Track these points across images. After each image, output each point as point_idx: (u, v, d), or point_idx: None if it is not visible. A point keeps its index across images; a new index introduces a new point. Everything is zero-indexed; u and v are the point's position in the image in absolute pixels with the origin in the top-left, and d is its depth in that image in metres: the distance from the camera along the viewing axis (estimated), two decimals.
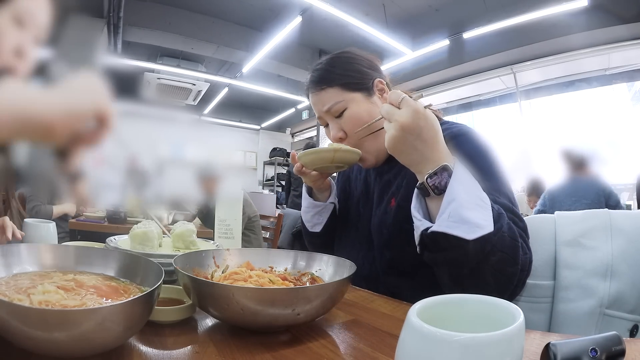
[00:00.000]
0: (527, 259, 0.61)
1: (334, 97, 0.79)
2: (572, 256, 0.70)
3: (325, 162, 0.77)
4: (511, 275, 0.59)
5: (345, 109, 0.79)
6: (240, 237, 0.98)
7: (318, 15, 4.00)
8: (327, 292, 0.49)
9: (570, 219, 0.74)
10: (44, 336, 0.33)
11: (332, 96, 0.80)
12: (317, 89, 0.82)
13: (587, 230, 0.71)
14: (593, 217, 0.72)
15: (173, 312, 0.50)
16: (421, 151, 0.57)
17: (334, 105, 0.79)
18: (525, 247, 0.62)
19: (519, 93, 4.59)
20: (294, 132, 8.33)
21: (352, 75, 0.81)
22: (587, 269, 0.68)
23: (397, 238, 0.77)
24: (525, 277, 0.63)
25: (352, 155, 0.76)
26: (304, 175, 0.84)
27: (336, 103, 0.79)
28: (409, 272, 0.72)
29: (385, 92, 0.83)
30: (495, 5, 3.76)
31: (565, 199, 2.48)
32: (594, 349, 0.35)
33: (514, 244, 0.58)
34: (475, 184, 0.57)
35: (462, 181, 0.56)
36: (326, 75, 0.81)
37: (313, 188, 0.89)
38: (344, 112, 0.79)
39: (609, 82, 4.03)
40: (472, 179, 0.58)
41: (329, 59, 0.85)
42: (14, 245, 0.50)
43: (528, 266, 0.62)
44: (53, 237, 0.96)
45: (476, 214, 0.54)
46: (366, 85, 0.81)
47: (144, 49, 4.87)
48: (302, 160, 0.79)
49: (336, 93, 0.80)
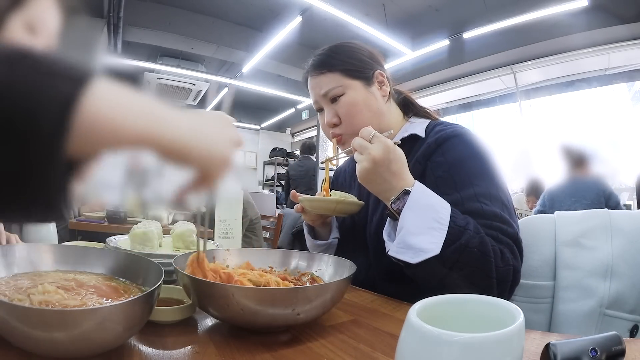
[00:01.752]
0: (508, 269, 0.62)
1: (333, 82, 0.80)
2: (572, 256, 0.70)
3: (327, 212, 0.78)
4: (486, 288, 0.60)
5: (342, 94, 0.79)
6: (240, 237, 0.98)
7: (318, 15, 4.00)
8: (327, 292, 0.49)
9: (570, 219, 0.74)
10: (44, 336, 0.33)
11: (331, 80, 0.80)
12: (316, 73, 0.82)
13: (587, 230, 0.71)
14: (593, 217, 0.72)
15: (173, 312, 0.50)
16: (389, 181, 0.63)
17: (331, 90, 0.79)
18: (508, 257, 0.62)
19: (519, 93, 4.60)
20: (294, 132, 8.33)
21: (353, 63, 0.81)
22: (587, 269, 0.68)
23: None
24: (511, 285, 0.63)
25: (353, 207, 0.77)
26: (304, 213, 0.84)
27: (334, 87, 0.79)
28: (405, 278, 0.72)
29: (385, 85, 0.83)
30: (495, 5, 3.76)
31: (565, 199, 2.46)
32: (594, 349, 0.35)
33: (484, 259, 0.60)
34: (432, 206, 0.61)
35: (414, 207, 0.61)
36: (327, 60, 0.81)
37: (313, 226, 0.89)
38: (340, 97, 0.79)
39: (609, 82, 4.03)
40: (431, 200, 0.62)
41: (332, 45, 0.85)
42: (14, 245, 0.50)
43: (512, 276, 0.62)
44: (53, 237, 0.96)
45: (423, 239, 0.59)
46: (366, 75, 0.81)
47: (144, 49, 4.87)
48: (304, 204, 0.79)
49: (336, 78, 0.80)
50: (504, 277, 0.62)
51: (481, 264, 0.60)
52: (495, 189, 0.68)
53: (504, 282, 0.62)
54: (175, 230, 0.81)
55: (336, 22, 4.01)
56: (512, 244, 0.64)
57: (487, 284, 0.60)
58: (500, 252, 0.62)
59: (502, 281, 0.61)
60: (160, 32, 4.34)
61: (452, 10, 4.09)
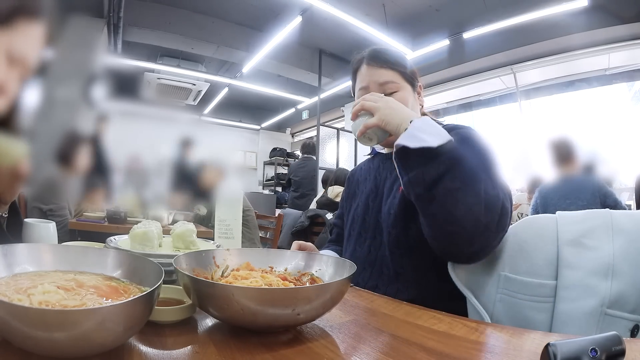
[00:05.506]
0: (497, 199, 0.67)
1: (392, 78, 0.89)
2: (573, 256, 0.70)
3: None
4: (473, 205, 0.64)
5: (397, 91, 0.89)
6: (240, 237, 0.98)
7: (318, 15, 4.00)
8: (327, 292, 0.48)
9: (571, 218, 0.74)
10: (44, 336, 0.33)
11: (390, 76, 0.89)
12: (377, 64, 0.90)
13: (588, 229, 0.71)
14: (594, 216, 0.72)
15: (173, 312, 0.50)
16: (407, 111, 0.75)
17: (390, 83, 0.89)
18: (499, 191, 0.68)
19: (519, 93, 4.59)
20: (294, 132, 8.33)
21: (407, 69, 0.92)
22: (589, 268, 0.68)
23: (402, 217, 0.83)
24: (499, 221, 0.67)
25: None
26: None
27: (393, 82, 0.89)
28: (413, 248, 0.81)
29: (421, 97, 0.97)
30: (495, 5, 3.75)
31: (559, 201, 2.37)
32: (594, 349, 0.35)
33: (474, 177, 0.66)
34: (437, 126, 0.71)
35: (425, 120, 0.71)
36: (388, 59, 0.91)
37: None
38: (395, 93, 0.88)
39: (609, 82, 4.02)
40: (437, 125, 0.71)
41: (385, 48, 0.95)
42: (14, 245, 0.50)
43: (500, 209, 0.67)
44: (53, 237, 0.96)
45: (425, 135, 0.67)
46: (414, 83, 0.93)
47: (144, 49, 4.86)
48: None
49: (394, 75, 0.90)
50: (492, 204, 0.66)
51: (470, 181, 0.65)
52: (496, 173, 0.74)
53: (491, 210, 0.66)
54: (175, 230, 0.80)
55: (336, 22, 4.01)
56: (506, 192, 0.70)
57: (474, 201, 0.65)
58: (492, 185, 0.68)
59: (489, 208, 0.65)
60: (160, 32, 4.34)
61: (452, 10, 4.08)
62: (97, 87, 0.98)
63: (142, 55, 5.00)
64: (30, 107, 0.62)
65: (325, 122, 5.83)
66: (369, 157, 1.09)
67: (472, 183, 0.65)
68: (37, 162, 0.46)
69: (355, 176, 1.08)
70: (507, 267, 0.73)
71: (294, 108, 7.11)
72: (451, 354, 0.44)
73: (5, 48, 0.50)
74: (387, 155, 0.99)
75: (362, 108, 0.78)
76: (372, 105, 0.77)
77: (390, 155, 0.98)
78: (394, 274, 0.84)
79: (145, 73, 5.20)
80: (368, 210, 0.94)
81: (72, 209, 2.28)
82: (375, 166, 1.00)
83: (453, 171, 0.65)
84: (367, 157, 1.10)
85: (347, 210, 1.04)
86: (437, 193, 0.66)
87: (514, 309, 0.70)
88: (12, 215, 0.79)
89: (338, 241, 1.08)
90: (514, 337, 0.53)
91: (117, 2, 3.54)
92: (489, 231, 0.67)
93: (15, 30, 0.50)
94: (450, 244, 0.71)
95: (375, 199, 0.94)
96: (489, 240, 0.69)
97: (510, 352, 0.46)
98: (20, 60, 0.52)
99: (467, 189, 0.65)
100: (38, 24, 0.53)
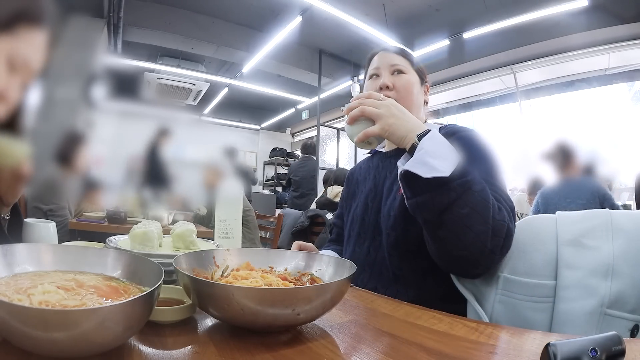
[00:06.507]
0: (503, 225, 0.67)
1: (403, 63, 0.95)
2: (573, 256, 0.70)
3: None
4: (481, 234, 0.64)
5: (405, 73, 0.94)
6: (240, 237, 0.98)
7: (318, 16, 4.00)
8: (327, 292, 0.48)
9: (571, 218, 0.74)
10: (44, 336, 0.33)
11: (402, 61, 0.95)
12: (392, 52, 0.96)
13: (588, 229, 0.71)
14: (594, 216, 0.72)
15: (173, 312, 0.50)
16: (412, 121, 0.72)
17: (400, 66, 0.93)
18: (504, 214, 0.68)
19: (519, 93, 4.59)
20: (294, 132, 8.33)
21: (418, 67, 0.98)
22: (589, 268, 0.68)
23: (401, 220, 0.82)
24: (503, 244, 0.68)
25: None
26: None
27: (404, 66, 0.94)
28: (412, 250, 0.80)
29: (427, 95, 1.02)
30: (495, 5, 3.76)
31: (560, 201, 2.43)
32: (594, 349, 0.35)
33: (484, 204, 0.65)
34: (446, 143, 0.69)
35: (433, 138, 0.68)
36: (402, 52, 0.97)
37: None
38: (403, 73, 0.93)
39: (609, 82, 4.03)
40: (445, 141, 0.69)
41: (401, 47, 1.00)
42: (14, 245, 0.50)
43: (505, 234, 0.67)
44: (53, 237, 0.96)
45: (437, 162, 0.64)
46: (423, 78, 0.99)
47: (144, 49, 4.86)
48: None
49: (405, 62, 0.95)
50: (498, 229, 0.66)
51: (480, 207, 0.65)
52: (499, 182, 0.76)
53: (497, 235, 0.66)
54: (175, 230, 0.80)
55: (336, 22, 4.01)
56: (509, 209, 0.70)
57: (482, 229, 0.65)
58: (498, 207, 0.68)
59: (496, 233, 0.66)
60: (160, 32, 4.34)
61: (452, 10, 4.08)
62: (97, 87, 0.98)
63: (142, 55, 5.00)
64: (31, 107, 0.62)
65: (325, 122, 5.83)
66: (368, 156, 1.09)
67: (482, 210, 0.65)
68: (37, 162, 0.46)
69: (355, 175, 1.07)
70: (506, 268, 0.73)
71: (294, 108, 7.11)
72: (451, 354, 0.44)
73: (7, 54, 0.50)
74: (386, 153, 0.99)
75: (362, 114, 0.73)
76: (373, 111, 0.72)
77: (389, 153, 0.98)
78: (393, 276, 0.83)
79: (145, 73, 5.21)
80: (367, 211, 0.94)
81: (72, 209, 2.28)
82: (375, 165, 1.00)
83: (464, 198, 0.64)
84: (366, 156, 1.10)
85: (346, 210, 1.04)
86: (446, 219, 0.65)
87: (513, 310, 0.70)
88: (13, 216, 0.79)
89: (338, 241, 1.08)
90: (514, 337, 0.53)
91: (117, 2, 3.54)
92: (494, 255, 0.68)
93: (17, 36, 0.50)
94: (456, 266, 0.73)
95: (374, 199, 0.93)
96: (494, 262, 0.71)
97: (510, 352, 0.46)
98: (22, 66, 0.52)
99: (476, 216, 0.64)
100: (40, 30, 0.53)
